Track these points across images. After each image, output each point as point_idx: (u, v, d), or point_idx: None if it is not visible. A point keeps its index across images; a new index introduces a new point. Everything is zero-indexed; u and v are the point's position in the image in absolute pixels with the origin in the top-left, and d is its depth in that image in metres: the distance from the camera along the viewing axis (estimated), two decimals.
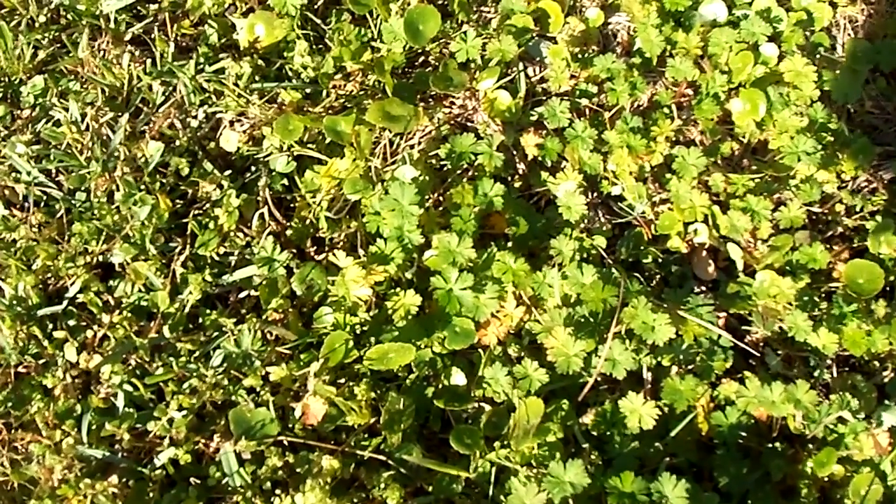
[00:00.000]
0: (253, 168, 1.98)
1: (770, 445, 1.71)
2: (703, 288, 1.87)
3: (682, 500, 1.53)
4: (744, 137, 1.96)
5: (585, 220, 1.84)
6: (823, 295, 1.83)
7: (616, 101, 1.92)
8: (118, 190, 1.88)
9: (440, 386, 1.74)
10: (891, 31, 2.11)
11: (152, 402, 1.74)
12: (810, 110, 1.92)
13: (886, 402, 1.73)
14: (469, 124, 2.02)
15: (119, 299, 1.84)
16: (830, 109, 1.97)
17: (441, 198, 1.90)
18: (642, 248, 1.87)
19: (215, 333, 1.79)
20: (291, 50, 2.03)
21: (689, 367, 1.74)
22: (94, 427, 1.71)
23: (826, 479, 1.66)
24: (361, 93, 1.99)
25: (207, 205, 1.93)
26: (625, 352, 1.65)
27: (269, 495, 1.67)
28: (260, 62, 2.03)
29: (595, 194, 1.93)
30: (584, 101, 1.96)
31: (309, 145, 1.95)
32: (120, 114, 1.99)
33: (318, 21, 2.07)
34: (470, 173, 1.92)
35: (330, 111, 1.97)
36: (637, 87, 1.92)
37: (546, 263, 1.78)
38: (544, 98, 1.99)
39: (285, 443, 1.70)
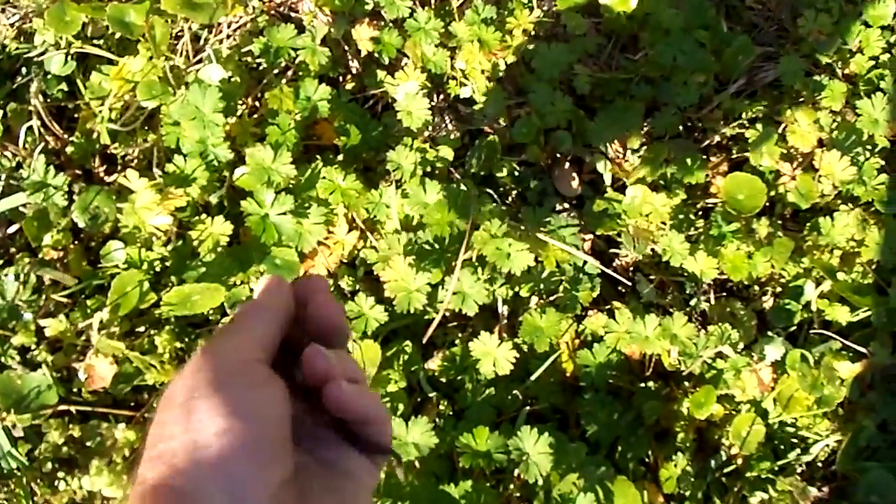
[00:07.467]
0: (25, 70, 1.61)
1: (642, 385, 1.50)
2: (566, 205, 1.62)
3: (546, 457, 1.31)
4: (612, 33, 1.71)
5: (430, 128, 1.55)
6: (700, 212, 1.62)
7: None
8: None
9: None
10: None
11: None
12: (686, 3, 1.68)
13: (769, 333, 1.53)
14: (293, 14, 1.68)
15: None
16: (708, 3, 1.73)
17: (258, 103, 1.58)
18: (496, 159, 1.59)
19: None
20: None
21: (552, 297, 1.50)
22: None
23: (703, 420, 1.46)
24: None
25: None
26: (476, 283, 1.39)
27: (53, 478, 1.38)
28: None
29: (441, 97, 1.63)
30: None
31: (95, 41, 1.59)
32: None
33: None
34: (290, 73, 1.59)
35: None
36: None
37: (383, 180, 1.50)
38: None
39: (73, 412, 1.39)
